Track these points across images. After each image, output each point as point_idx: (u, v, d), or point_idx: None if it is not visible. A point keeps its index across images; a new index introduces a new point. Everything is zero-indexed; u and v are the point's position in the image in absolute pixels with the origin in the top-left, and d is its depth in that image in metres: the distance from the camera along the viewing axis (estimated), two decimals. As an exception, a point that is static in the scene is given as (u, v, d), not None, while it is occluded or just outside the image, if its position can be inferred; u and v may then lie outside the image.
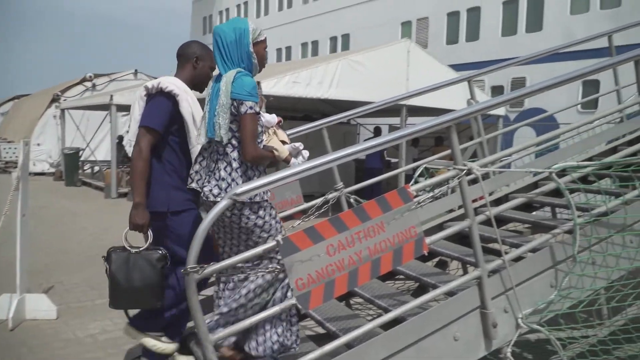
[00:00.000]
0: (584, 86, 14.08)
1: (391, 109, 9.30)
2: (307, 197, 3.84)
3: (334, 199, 3.57)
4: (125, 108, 14.73)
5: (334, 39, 24.16)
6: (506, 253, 2.88)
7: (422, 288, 3.66)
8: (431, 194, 2.61)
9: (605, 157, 4.58)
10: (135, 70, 20.09)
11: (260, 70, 2.83)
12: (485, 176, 3.88)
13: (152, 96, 2.90)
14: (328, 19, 24.05)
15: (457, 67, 12.99)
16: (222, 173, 2.64)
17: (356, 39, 22.61)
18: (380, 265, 2.39)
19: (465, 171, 2.61)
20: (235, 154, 2.64)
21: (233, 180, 2.61)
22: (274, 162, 2.84)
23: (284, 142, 2.93)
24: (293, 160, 2.88)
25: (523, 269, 2.95)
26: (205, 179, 2.71)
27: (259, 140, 2.68)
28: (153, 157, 2.85)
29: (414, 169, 5.35)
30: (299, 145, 2.96)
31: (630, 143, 4.87)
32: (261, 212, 2.62)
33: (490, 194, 4.50)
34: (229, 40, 2.66)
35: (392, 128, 14.96)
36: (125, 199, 13.05)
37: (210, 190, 2.63)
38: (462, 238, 3.84)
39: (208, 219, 2.20)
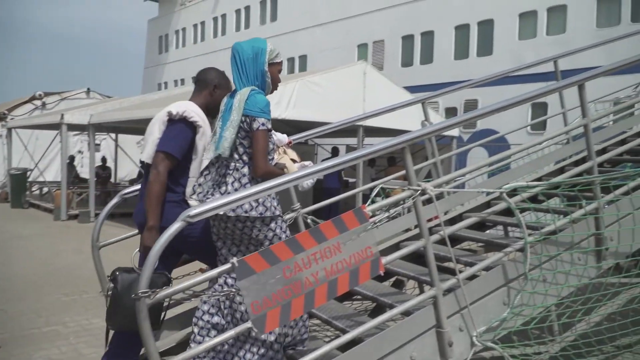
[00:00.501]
0: (533, 108, 14.62)
1: (348, 130, 9.39)
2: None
3: (290, 220, 3.55)
4: (76, 127, 14.36)
5: (291, 60, 24.32)
6: (461, 272, 2.92)
7: (379, 308, 3.66)
8: (387, 214, 2.63)
9: (553, 177, 4.75)
10: (88, 89, 19.65)
11: (273, 90, 2.89)
12: (440, 196, 3.95)
13: (174, 122, 2.92)
14: (285, 40, 24.21)
15: (412, 89, 13.28)
16: (229, 187, 2.67)
17: (314, 60, 22.85)
18: (337, 286, 2.38)
19: (419, 191, 2.65)
20: (245, 170, 2.69)
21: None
22: None
23: (294, 161, 3.01)
24: None
25: (477, 287, 3.00)
26: (209, 192, 2.75)
27: (270, 158, 2.73)
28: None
29: (371, 189, 5.39)
30: (309, 163, 3.04)
31: (577, 163, 5.07)
32: (272, 225, 2.68)
33: (445, 213, 4.58)
34: (246, 57, 2.76)
35: (350, 148, 15.11)
36: (76, 221, 12.62)
37: None
38: (418, 257, 3.88)
39: (161, 241, 2.14)
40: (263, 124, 2.63)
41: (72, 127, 13.68)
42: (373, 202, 4.76)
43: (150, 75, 35.18)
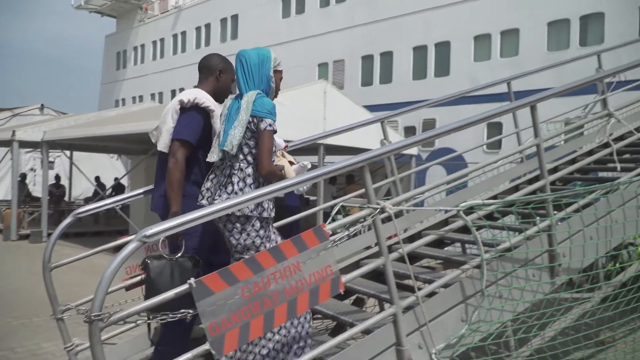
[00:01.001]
0: (488, 128, 15.05)
1: (309, 148, 9.42)
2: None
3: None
4: (29, 144, 13.89)
5: (252, 78, 24.37)
6: (420, 289, 2.94)
7: (340, 327, 3.65)
8: (347, 232, 2.63)
9: (508, 195, 4.88)
10: (42, 105, 19.06)
11: (275, 96, 3.05)
12: (399, 214, 3.99)
13: (185, 110, 3.00)
14: (247, 58, 24.28)
15: (371, 108, 13.47)
16: (235, 187, 2.77)
17: (275, 78, 22.92)
18: (297, 305, 2.35)
19: (378, 210, 2.66)
20: (250, 170, 2.80)
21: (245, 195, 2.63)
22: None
23: (291, 163, 3.11)
24: None
25: (436, 304, 3.03)
26: (216, 193, 2.83)
27: (272, 160, 2.82)
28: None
29: (332, 207, 5.41)
30: (307, 163, 3.10)
31: (530, 182, 5.23)
32: (269, 227, 2.84)
33: (405, 231, 4.63)
34: (253, 63, 2.90)
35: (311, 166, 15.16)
36: (27, 241, 12.14)
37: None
38: (378, 275, 3.89)
39: (117, 260, 2.07)
40: (270, 125, 2.78)
41: (24, 144, 13.23)
42: (333, 220, 4.77)
43: (107, 92, 34.52)
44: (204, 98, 3.04)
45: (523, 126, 5.35)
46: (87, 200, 16.05)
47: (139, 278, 3.09)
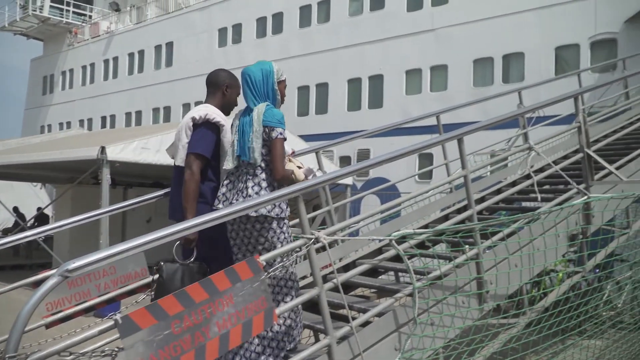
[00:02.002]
0: (419, 159, 15.54)
1: (244, 177, 9.35)
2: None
3: (181, 271, 3.39)
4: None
5: (187, 106, 24.01)
6: (354, 319, 2.95)
7: None
8: (281, 263, 2.61)
9: (438, 224, 5.03)
10: (-42, 130, 17.91)
11: (282, 102, 3.31)
12: (333, 243, 4.01)
13: (198, 125, 3.23)
14: (181, 86, 23.94)
15: (307, 138, 13.60)
16: (250, 191, 3.00)
17: (210, 107, 22.72)
18: (230, 339, 2.29)
19: (312, 240, 2.67)
20: (264, 175, 3.05)
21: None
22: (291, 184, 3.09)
23: (299, 167, 3.28)
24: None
25: (370, 333, 3.04)
26: (232, 198, 3.06)
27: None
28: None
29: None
30: (313, 168, 3.36)
31: (459, 211, 5.43)
32: (284, 228, 3.03)
33: (340, 260, 4.65)
34: (257, 79, 3.17)
35: (246, 195, 15.01)
36: None
37: None
38: (313, 305, 3.87)
39: (36, 296, 1.95)
40: (280, 133, 3.04)
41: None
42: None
43: (32, 117, 32.88)
44: (214, 113, 3.26)
45: (452, 158, 5.58)
46: (7, 232, 15.07)
47: (60, 315, 2.91)
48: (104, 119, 27.41)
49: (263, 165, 3.04)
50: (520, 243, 4.01)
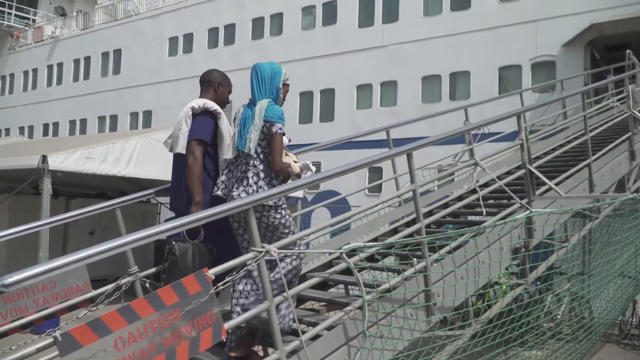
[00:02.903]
0: (370, 172, 15.74)
1: (194, 189, 9.19)
2: (99, 282, 3.49)
3: (127, 285, 3.30)
4: None
5: (135, 115, 23.45)
6: (304, 332, 2.93)
7: (222, 376, 3.50)
8: (230, 277, 2.57)
9: (388, 237, 5.10)
10: None
11: (281, 104, 3.48)
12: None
13: (197, 114, 3.46)
14: (129, 94, 23.38)
15: (259, 150, 13.49)
16: (250, 181, 3.24)
17: (159, 116, 22.29)
18: (176, 356, 2.23)
19: (263, 253, 2.64)
20: (262, 167, 3.28)
21: (260, 187, 3.25)
22: (287, 177, 3.39)
23: (295, 162, 3.50)
24: (303, 175, 3.49)
25: (320, 347, 3.03)
26: (233, 186, 3.30)
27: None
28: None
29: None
30: (309, 162, 3.59)
31: (408, 224, 5.52)
32: (283, 212, 3.27)
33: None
34: (266, 74, 3.40)
35: (195, 207, 14.74)
36: None
37: (239, 194, 3.22)
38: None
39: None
40: (280, 129, 3.27)
41: None
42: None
43: (-33, 123, 31.25)
44: (211, 103, 3.53)
45: (401, 172, 5.68)
46: None
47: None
48: (46, 126, 26.37)
49: (262, 157, 3.28)
50: (466, 256, 4.11)
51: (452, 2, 16.16)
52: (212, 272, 2.45)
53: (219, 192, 3.33)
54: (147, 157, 9.71)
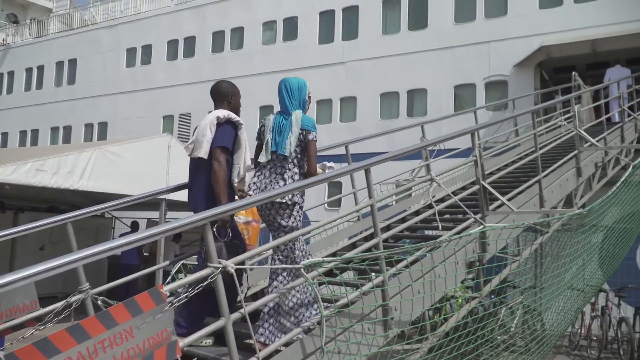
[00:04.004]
0: (329, 187, 15.81)
1: (150, 203, 9.00)
2: (48, 300, 3.35)
3: (77, 302, 3.19)
4: None
5: (90, 126, 22.86)
6: (261, 349, 2.90)
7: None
8: (186, 293, 2.52)
9: (346, 252, 5.12)
10: None
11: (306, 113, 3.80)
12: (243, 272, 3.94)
13: (221, 124, 3.74)
14: (84, 105, 22.79)
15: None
16: (287, 182, 3.58)
17: (115, 128, 21.80)
18: (128, 375, 2.16)
19: (220, 269, 2.61)
20: (296, 170, 3.65)
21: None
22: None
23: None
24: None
25: (277, 364, 3.00)
26: (266, 187, 3.63)
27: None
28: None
29: (174, 265, 5.16)
30: (326, 162, 3.97)
31: (366, 239, 5.56)
32: (301, 212, 3.66)
33: (249, 288, 4.57)
34: (295, 88, 3.77)
35: (151, 222, 14.42)
36: None
37: None
38: (220, 336, 3.76)
39: None
40: (315, 136, 3.66)
41: None
42: (174, 279, 4.56)
43: None
44: (234, 115, 3.82)
45: (360, 187, 5.73)
46: None
47: None
48: (-6, 137, 25.39)
49: (295, 161, 3.64)
50: (422, 270, 4.17)
51: (409, 21, 16.56)
52: (167, 289, 2.40)
53: (251, 193, 3.65)
54: (102, 170, 9.48)
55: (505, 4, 15.08)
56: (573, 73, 11.51)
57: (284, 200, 3.50)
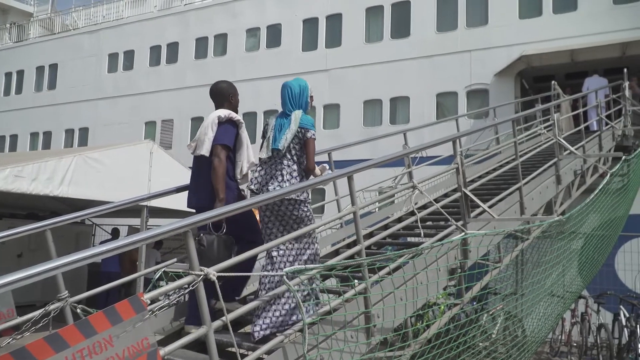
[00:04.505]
0: (312, 193, 15.81)
1: (131, 210, 8.91)
2: (26, 308, 3.29)
3: (56, 311, 3.14)
4: None
5: (70, 132, 22.58)
6: (243, 357, 2.88)
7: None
8: (167, 301, 2.50)
9: (329, 259, 5.12)
10: None
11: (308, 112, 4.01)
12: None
13: (222, 122, 3.93)
14: (65, 110, 22.52)
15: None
16: (285, 177, 3.80)
17: (96, 134, 21.57)
18: (108, 385, 2.13)
19: (202, 276, 2.59)
20: (295, 166, 3.85)
21: (292, 184, 3.75)
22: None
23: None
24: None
25: (259, 372, 2.98)
26: (267, 182, 3.85)
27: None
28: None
29: (155, 273, 5.10)
30: (326, 164, 4.20)
31: (349, 246, 5.57)
32: (309, 207, 3.84)
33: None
34: (296, 91, 3.99)
35: (133, 229, 14.26)
36: None
37: (274, 188, 3.74)
38: (201, 344, 3.73)
39: None
40: (313, 134, 3.87)
41: None
42: (154, 287, 4.50)
43: None
44: (235, 114, 4.02)
45: (343, 193, 5.74)
46: None
47: None
48: (-29, 142, 24.93)
49: (295, 158, 3.84)
50: (405, 277, 4.18)
51: (392, 30, 16.71)
52: (147, 297, 2.37)
53: (253, 187, 3.85)
54: (83, 177, 9.35)
55: (486, 13, 15.30)
56: (552, 82, 11.70)
57: (295, 197, 3.71)
